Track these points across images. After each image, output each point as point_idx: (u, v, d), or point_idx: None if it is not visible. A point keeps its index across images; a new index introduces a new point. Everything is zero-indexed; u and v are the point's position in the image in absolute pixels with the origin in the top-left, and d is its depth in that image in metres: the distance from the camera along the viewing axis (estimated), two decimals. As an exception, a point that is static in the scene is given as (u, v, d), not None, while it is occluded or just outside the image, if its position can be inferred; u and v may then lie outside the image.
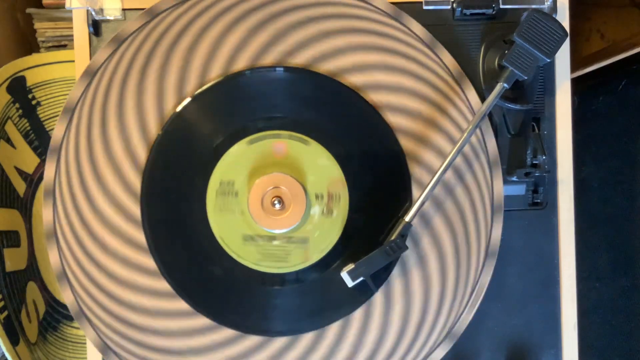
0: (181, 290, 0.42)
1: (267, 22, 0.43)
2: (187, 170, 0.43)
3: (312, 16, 0.44)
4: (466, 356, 0.46)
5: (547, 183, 0.47)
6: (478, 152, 0.44)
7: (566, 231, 0.47)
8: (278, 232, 0.42)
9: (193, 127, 0.43)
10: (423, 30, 0.44)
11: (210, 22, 0.43)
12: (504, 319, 0.46)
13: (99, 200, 0.43)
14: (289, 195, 0.41)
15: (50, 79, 0.59)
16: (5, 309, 0.52)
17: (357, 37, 0.44)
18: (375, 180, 0.43)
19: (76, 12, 0.45)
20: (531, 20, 0.42)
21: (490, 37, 0.46)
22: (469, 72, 0.45)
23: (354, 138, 0.43)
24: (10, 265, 0.54)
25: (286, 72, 0.43)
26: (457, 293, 0.43)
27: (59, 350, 0.57)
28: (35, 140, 0.59)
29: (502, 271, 0.46)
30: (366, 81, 0.43)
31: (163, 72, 0.43)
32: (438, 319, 0.43)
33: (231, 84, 0.43)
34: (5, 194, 0.55)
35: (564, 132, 0.47)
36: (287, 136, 0.43)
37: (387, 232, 0.42)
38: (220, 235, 0.42)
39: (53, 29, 0.60)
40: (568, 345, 0.47)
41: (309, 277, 0.43)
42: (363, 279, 0.40)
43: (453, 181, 0.44)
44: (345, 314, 0.43)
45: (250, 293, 0.43)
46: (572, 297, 0.47)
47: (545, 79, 0.47)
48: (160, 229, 0.42)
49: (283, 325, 0.43)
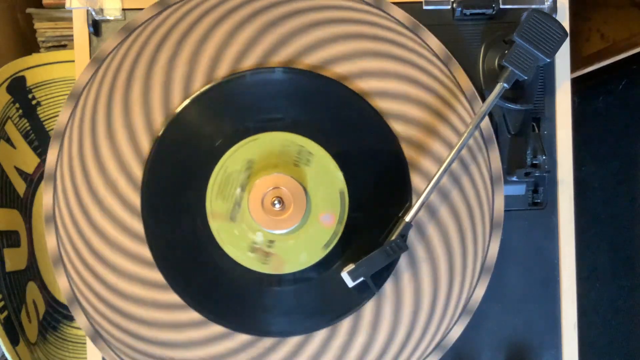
0: (174, 282, 0.42)
1: (278, 21, 0.43)
2: (189, 163, 0.43)
3: (328, 19, 0.44)
4: (466, 356, 0.46)
5: (547, 183, 0.47)
6: (480, 164, 0.44)
7: (566, 231, 0.47)
8: (278, 232, 0.42)
9: (198, 121, 0.43)
10: (439, 45, 0.44)
11: (220, 18, 0.43)
12: (504, 319, 0.46)
13: (99, 188, 0.43)
14: (289, 195, 0.41)
15: (50, 79, 0.59)
16: (5, 309, 0.52)
17: (370, 42, 0.44)
18: (375, 180, 0.43)
19: (76, 12, 0.45)
20: (531, 20, 0.42)
21: (490, 37, 0.46)
22: (469, 72, 0.45)
23: (354, 139, 0.43)
24: (10, 265, 0.54)
25: (292, 73, 0.43)
26: (449, 304, 0.43)
27: (59, 350, 0.57)
28: (35, 140, 0.59)
29: (502, 271, 0.46)
30: (372, 86, 0.43)
31: (170, 65, 0.43)
32: (428, 328, 0.43)
33: (238, 83, 0.43)
34: (5, 194, 0.55)
35: (564, 132, 0.47)
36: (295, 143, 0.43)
37: (387, 232, 0.42)
38: (217, 230, 0.42)
39: (53, 29, 0.59)
40: (568, 345, 0.47)
41: (309, 277, 0.43)
42: (363, 279, 0.40)
43: (449, 186, 0.44)
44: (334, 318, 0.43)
45: (248, 292, 0.43)
46: (572, 297, 0.47)
47: (545, 79, 0.47)
48: (158, 220, 0.42)
49: (282, 325, 0.43)
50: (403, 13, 0.44)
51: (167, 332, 0.43)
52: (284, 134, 0.43)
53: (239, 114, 0.43)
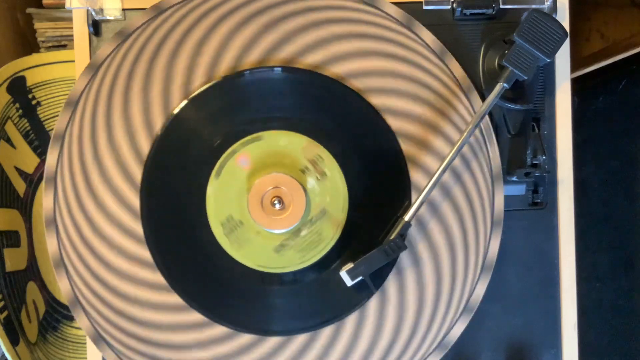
0: (175, 284, 0.42)
1: (277, 22, 0.44)
2: (188, 165, 0.43)
3: (325, 19, 0.44)
4: (466, 356, 0.46)
5: (547, 183, 0.47)
6: (481, 162, 0.44)
7: (566, 231, 0.47)
8: (278, 232, 0.42)
9: (197, 122, 0.43)
10: (434, 39, 0.44)
11: (217, 21, 0.43)
12: (504, 319, 0.46)
13: (99, 190, 0.43)
14: (288, 195, 0.41)
15: (50, 79, 0.59)
16: (5, 309, 0.52)
17: (365, 42, 0.44)
18: (374, 180, 0.43)
19: (76, 12, 0.45)
20: (531, 20, 0.42)
21: (490, 37, 0.46)
22: (469, 72, 0.45)
23: (354, 138, 0.43)
24: (10, 265, 0.54)
25: (288, 72, 0.43)
26: (452, 300, 0.43)
27: (59, 350, 0.57)
28: (35, 140, 0.59)
29: (502, 271, 0.46)
30: (369, 84, 0.43)
31: (169, 66, 0.43)
32: (431, 326, 0.43)
33: (234, 83, 0.43)
34: (5, 194, 0.55)
35: (564, 132, 0.47)
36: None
37: (387, 231, 0.42)
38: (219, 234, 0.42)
39: (53, 29, 0.60)
40: (568, 345, 0.47)
41: (308, 277, 0.43)
42: (362, 278, 0.40)
43: (451, 183, 0.44)
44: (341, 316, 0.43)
45: (248, 292, 0.43)
46: (572, 297, 0.47)
47: (545, 79, 0.47)
48: (158, 222, 0.42)
49: (282, 325, 0.43)
50: (396, 9, 0.44)
51: (170, 334, 0.42)
52: (284, 133, 0.43)
53: (238, 114, 0.43)
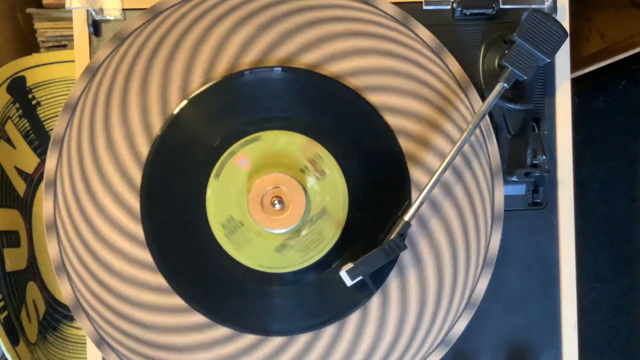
0: (177, 286, 0.42)
1: (273, 22, 0.43)
2: (188, 166, 0.43)
3: (320, 18, 0.44)
4: (466, 356, 0.46)
5: (547, 183, 0.47)
6: (481, 159, 0.44)
7: (566, 231, 0.47)
8: (278, 232, 0.42)
9: (196, 124, 0.43)
10: (430, 35, 0.44)
11: (215, 21, 0.43)
12: (504, 319, 0.46)
13: (99, 193, 0.43)
14: (288, 194, 0.41)
15: (50, 79, 0.59)
16: (5, 309, 0.52)
17: (363, 40, 0.44)
18: (374, 179, 0.43)
19: (76, 12, 0.45)
20: (531, 20, 0.42)
21: (490, 37, 0.46)
22: (469, 72, 0.45)
23: (353, 136, 0.43)
24: (10, 265, 0.54)
25: (287, 72, 0.43)
26: (453, 299, 0.43)
27: (59, 350, 0.57)
28: (35, 140, 0.59)
29: (502, 271, 0.46)
30: (367, 82, 0.43)
31: (167, 68, 0.43)
32: (434, 323, 0.43)
33: (233, 84, 0.43)
34: (5, 194, 0.55)
35: (564, 132, 0.47)
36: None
37: (386, 231, 0.42)
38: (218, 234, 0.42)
39: (53, 29, 0.60)
40: (568, 345, 0.47)
41: (310, 276, 0.43)
42: (362, 278, 0.40)
43: (452, 181, 0.44)
44: (343, 315, 0.43)
45: (250, 293, 0.43)
46: (572, 297, 0.47)
47: (545, 79, 0.47)
48: (159, 224, 0.42)
49: (284, 324, 0.43)
50: (392, 6, 0.44)
51: (172, 336, 0.42)
52: (283, 132, 0.43)
53: (237, 114, 0.43)
